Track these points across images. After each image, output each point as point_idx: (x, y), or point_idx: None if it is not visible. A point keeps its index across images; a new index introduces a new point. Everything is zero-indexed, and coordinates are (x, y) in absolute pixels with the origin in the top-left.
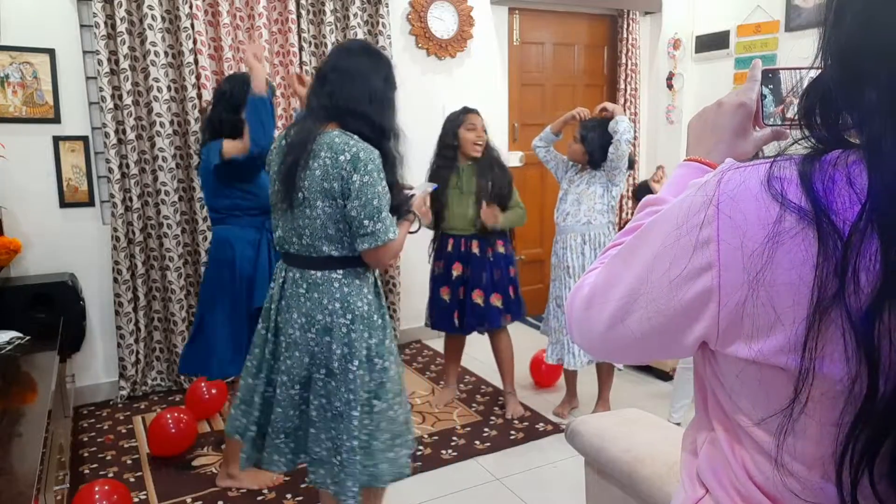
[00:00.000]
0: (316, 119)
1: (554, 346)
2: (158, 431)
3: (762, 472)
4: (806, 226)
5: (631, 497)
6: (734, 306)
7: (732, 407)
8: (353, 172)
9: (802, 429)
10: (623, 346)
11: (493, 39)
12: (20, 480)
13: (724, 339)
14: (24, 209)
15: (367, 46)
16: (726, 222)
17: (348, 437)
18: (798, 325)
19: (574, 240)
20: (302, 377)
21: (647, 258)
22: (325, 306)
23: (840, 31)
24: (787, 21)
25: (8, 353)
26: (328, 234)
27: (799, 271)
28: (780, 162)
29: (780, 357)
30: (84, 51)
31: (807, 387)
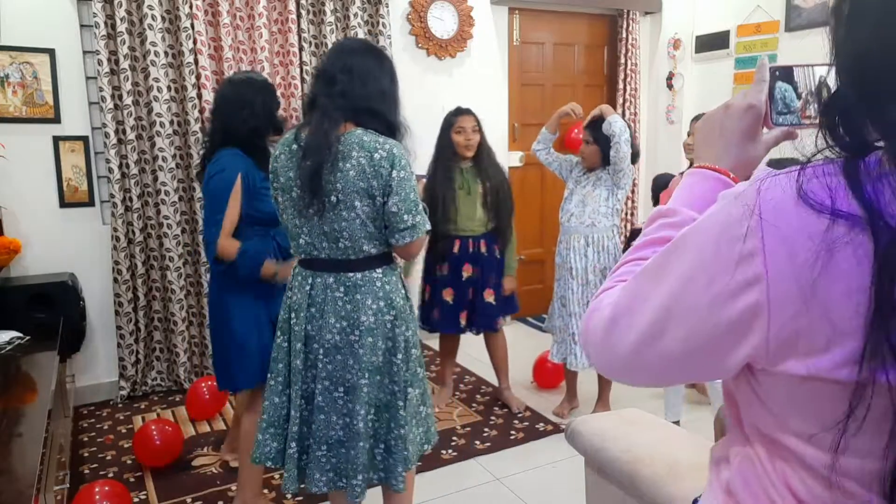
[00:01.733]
0: (331, 120)
1: (559, 345)
2: (142, 441)
3: (810, 491)
4: (860, 231)
5: (631, 497)
6: (786, 321)
7: (776, 424)
8: (391, 169)
9: (860, 445)
10: (654, 369)
11: (493, 39)
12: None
13: (774, 357)
14: (24, 209)
15: (369, 45)
16: (772, 232)
17: (396, 426)
18: (857, 336)
19: (577, 241)
20: (346, 379)
21: (681, 275)
22: (370, 306)
23: (855, 43)
24: (787, 21)
25: (8, 353)
26: (368, 232)
27: (856, 278)
28: (816, 168)
29: (840, 371)
30: (84, 51)
31: (865, 400)
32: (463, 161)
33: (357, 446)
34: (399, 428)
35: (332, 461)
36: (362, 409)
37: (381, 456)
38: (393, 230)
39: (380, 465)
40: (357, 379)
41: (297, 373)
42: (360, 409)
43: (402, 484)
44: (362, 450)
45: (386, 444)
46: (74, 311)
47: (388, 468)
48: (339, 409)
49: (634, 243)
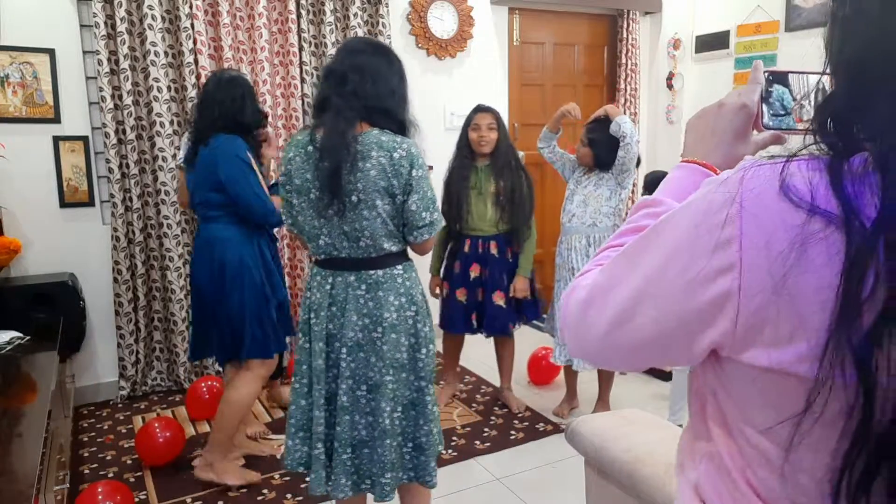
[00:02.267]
0: (346, 120)
1: (562, 347)
2: (145, 440)
3: (767, 487)
4: (835, 229)
5: (631, 497)
6: (754, 310)
7: (737, 415)
8: (410, 168)
9: (815, 441)
10: (623, 351)
11: (493, 39)
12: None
13: (739, 346)
14: (24, 209)
15: (378, 43)
16: (751, 221)
17: (425, 422)
18: (821, 332)
19: (579, 241)
20: (368, 377)
21: (658, 258)
22: (392, 303)
23: (848, 44)
24: (787, 21)
25: (8, 353)
26: (388, 230)
27: (826, 275)
28: (801, 162)
29: (800, 366)
30: (84, 51)
31: (823, 396)
32: (480, 159)
33: (384, 444)
34: (428, 423)
35: (355, 463)
36: (388, 406)
37: (410, 455)
38: (411, 227)
39: (409, 465)
40: (381, 376)
41: (319, 373)
42: (386, 407)
43: (435, 479)
44: (389, 448)
45: (415, 443)
46: (74, 311)
47: (418, 466)
48: (363, 408)
49: (618, 230)
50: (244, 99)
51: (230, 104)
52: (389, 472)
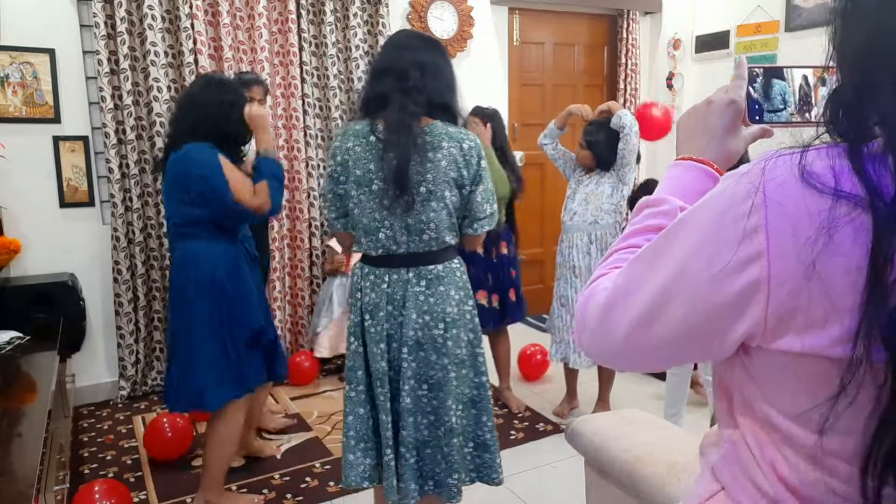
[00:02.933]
0: (412, 115)
1: (558, 345)
2: (154, 435)
3: (795, 470)
4: (861, 211)
5: (631, 497)
6: (785, 298)
7: (765, 404)
8: (479, 159)
9: (846, 423)
10: (649, 352)
11: (493, 39)
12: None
13: (771, 334)
14: (24, 209)
15: (428, 37)
16: (776, 209)
17: (488, 418)
18: (853, 314)
19: (580, 239)
20: (429, 376)
21: (682, 255)
22: (453, 297)
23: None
24: (787, 21)
25: (8, 353)
26: (452, 222)
27: (855, 257)
28: (820, 150)
29: (834, 349)
30: (84, 51)
31: (857, 378)
32: None
33: (451, 443)
34: (490, 419)
35: (419, 466)
36: (454, 405)
37: (472, 455)
38: (473, 219)
39: (470, 465)
40: (445, 373)
41: (383, 375)
42: (452, 404)
43: (502, 475)
44: (457, 447)
45: (476, 441)
46: (74, 311)
47: (481, 465)
48: (424, 407)
49: (624, 232)
50: (232, 106)
51: (215, 109)
52: (456, 473)
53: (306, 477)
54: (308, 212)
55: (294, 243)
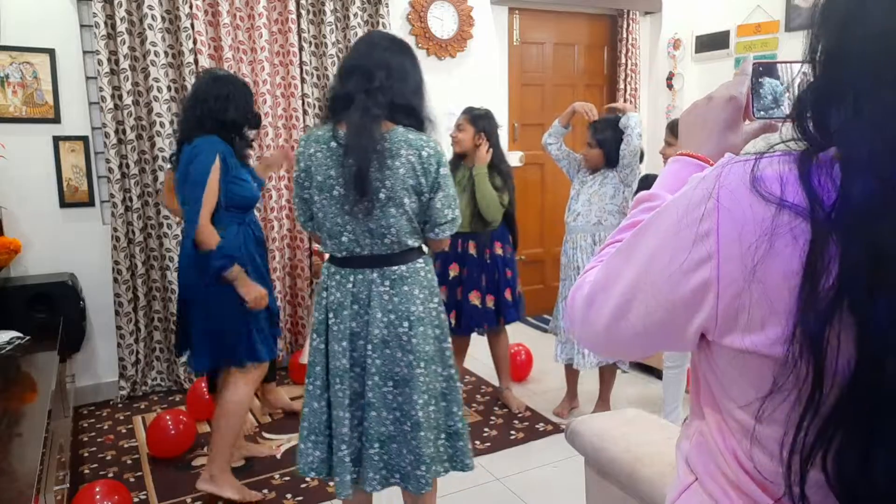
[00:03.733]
0: (373, 118)
1: (563, 345)
2: (158, 433)
3: (751, 458)
4: (802, 220)
5: (631, 497)
6: (730, 298)
7: (723, 394)
8: (438, 167)
9: (781, 414)
10: (626, 341)
11: (493, 39)
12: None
13: (720, 331)
14: (24, 209)
15: (399, 40)
16: (726, 215)
17: (458, 408)
18: (790, 317)
19: (584, 240)
20: (395, 373)
21: (647, 253)
22: (417, 296)
23: (825, 38)
24: (787, 21)
25: (8, 353)
26: (413, 227)
27: (793, 263)
28: (773, 157)
29: (773, 348)
30: (84, 51)
31: (793, 375)
32: (467, 158)
33: (419, 437)
34: (460, 409)
35: (383, 458)
36: (420, 400)
37: (445, 446)
38: (433, 224)
39: (444, 456)
40: (411, 370)
41: (343, 373)
42: (419, 400)
43: (472, 461)
44: (425, 440)
45: (448, 432)
46: (74, 311)
47: (454, 455)
48: (389, 403)
49: (620, 225)
50: (228, 99)
51: (213, 103)
52: (425, 465)
53: (306, 476)
54: None
55: (294, 243)
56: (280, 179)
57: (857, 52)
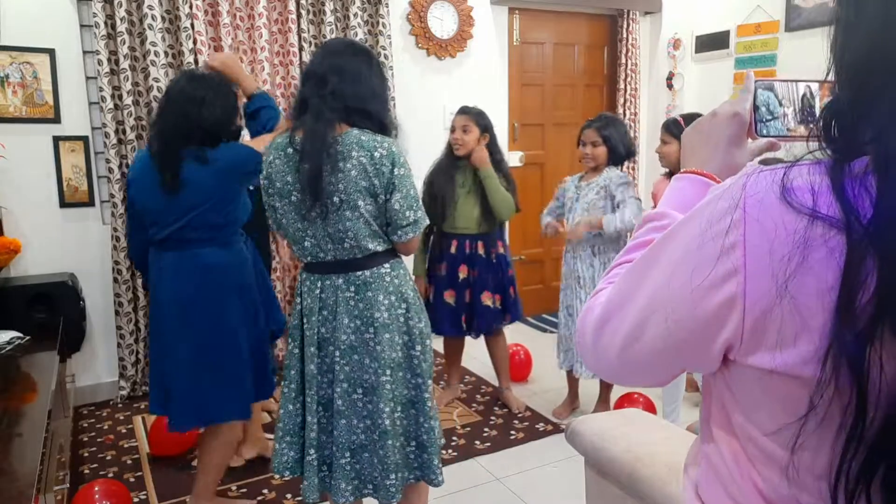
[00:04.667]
0: (326, 121)
1: (565, 353)
2: (159, 431)
3: (773, 488)
4: (837, 232)
5: (631, 497)
6: (759, 314)
7: (744, 419)
8: (392, 167)
9: (817, 441)
10: (643, 364)
11: (493, 39)
12: (20, 480)
13: (745, 349)
14: (24, 209)
15: (356, 44)
16: (754, 226)
17: (425, 420)
18: (823, 334)
19: (583, 250)
20: (364, 380)
21: (666, 269)
22: (382, 302)
23: (850, 48)
24: (787, 21)
25: (8, 353)
26: (372, 231)
27: (828, 278)
28: (802, 167)
29: (804, 368)
30: (84, 51)
31: (826, 398)
32: (468, 161)
33: (386, 445)
34: (428, 420)
35: (355, 468)
36: (387, 407)
37: (414, 454)
38: (395, 227)
39: (414, 464)
40: (377, 377)
41: (311, 378)
42: (385, 408)
43: (441, 477)
44: (392, 448)
45: (417, 441)
46: (74, 311)
47: (423, 464)
48: (359, 411)
49: (626, 246)
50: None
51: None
52: (393, 474)
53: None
54: None
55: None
56: None
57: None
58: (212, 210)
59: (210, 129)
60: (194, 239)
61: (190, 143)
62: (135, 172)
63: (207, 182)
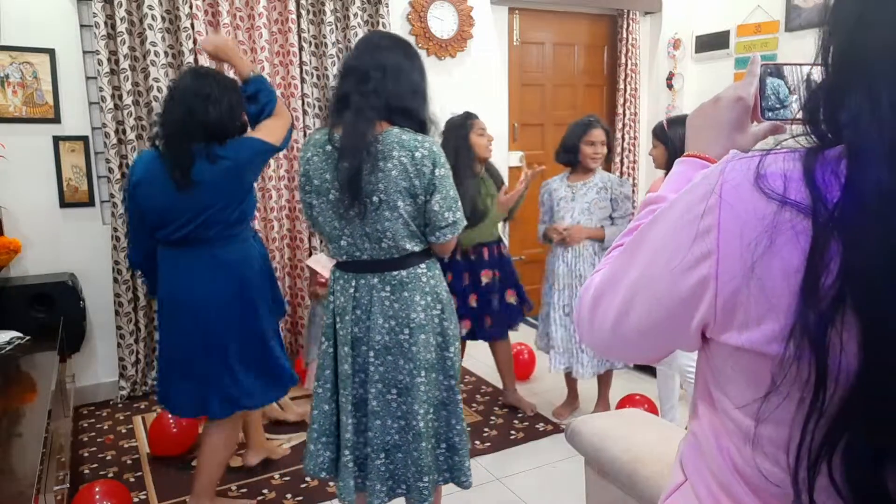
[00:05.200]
0: (366, 119)
1: (560, 356)
2: (159, 431)
3: (744, 460)
4: (804, 217)
5: (631, 497)
6: (729, 295)
7: (720, 393)
8: (433, 167)
9: (781, 415)
10: (632, 341)
11: (493, 39)
12: (20, 480)
13: (718, 328)
14: (24, 209)
15: (400, 40)
16: (728, 211)
17: (457, 421)
18: (788, 315)
19: (585, 249)
20: (398, 381)
21: (650, 251)
22: (419, 303)
23: (835, 34)
24: (787, 21)
25: (8, 353)
26: (410, 231)
27: (793, 261)
28: (778, 155)
29: (770, 346)
30: (84, 51)
31: (790, 375)
32: (480, 169)
33: (420, 447)
34: (459, 423)
35: (389, 468)
36: (421, 409)
37: (444, 456)
38: (434, 228)
39: (443, 466)
40: (412, 378)
41: (345, 378)
42: (420, 409)
43: (470, 479)
44: (425, 450)
45: (448, 443)
46: (74, 311)
47: (453, 466)
48: (394, 411)
49: (626, 228)
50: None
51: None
52: (426, 476)
53: (306, 477)
54: None
55: (294, 243)
56: (280, 179)
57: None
58: (226, 208)
59: (217, 125)
60: (211, 237)
61: (197, 140)
62: (140, 174)
63: (219, 181)
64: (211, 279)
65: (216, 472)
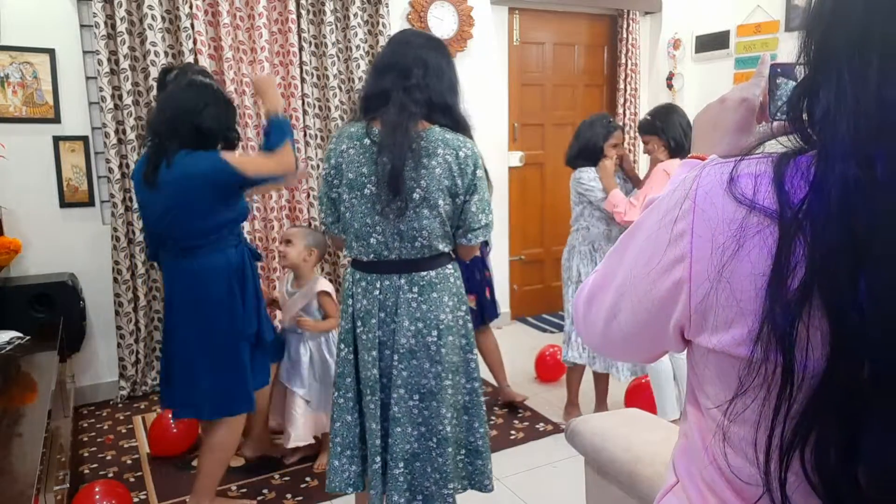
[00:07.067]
0: (410, 115)
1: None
2: (159, 431)
3: (721, 455)
4: (771, 222)
5: (631, 497)
6: (701, 298)
7: (701, 393)
8: (475, 168)
9: (751, 414)
10: (620, 342)
11: (493, 39)
12: (20, 480)
13: (693, 330)
14: (24, 209)
15: (434, 38)
16: (700, 216)
17: (480, 424)
18: (756, 317)
19: (583, 245)
20: (421, 385)
21: (632, 254)
22: (447, 304)
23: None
24: (787, 21)
25: (8, 353)
26: (445, 231)
27: (761, 264)
28: (752, 160)
29: (739, 348)
30: (84, 51)
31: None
32: None
33: (445, 453)
34: (483, 426)
35: (407, 479)
36: (448, 413)
37: (464, 462)
38: (467, 229)
39: (462, 472)
40: (439, 381)
41: (373, 383)
42: (447, 413)
43: (492, 483)
44: (450, 456)
45: (468, 448)
46: (74, 311)
47: (474, 472)
48: (414, 418)
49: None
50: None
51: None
52: (451, 483)
53: (306, 477)
54: (307, 212)
55: None
56: None
57: (840, 43)
58: (185, 215)
59: (204, 131)
60: (180, 243)
61: (172, 142)
62: (135, 169)
63: (169, 186)
64: (170, 284)
65: (216, 472)
